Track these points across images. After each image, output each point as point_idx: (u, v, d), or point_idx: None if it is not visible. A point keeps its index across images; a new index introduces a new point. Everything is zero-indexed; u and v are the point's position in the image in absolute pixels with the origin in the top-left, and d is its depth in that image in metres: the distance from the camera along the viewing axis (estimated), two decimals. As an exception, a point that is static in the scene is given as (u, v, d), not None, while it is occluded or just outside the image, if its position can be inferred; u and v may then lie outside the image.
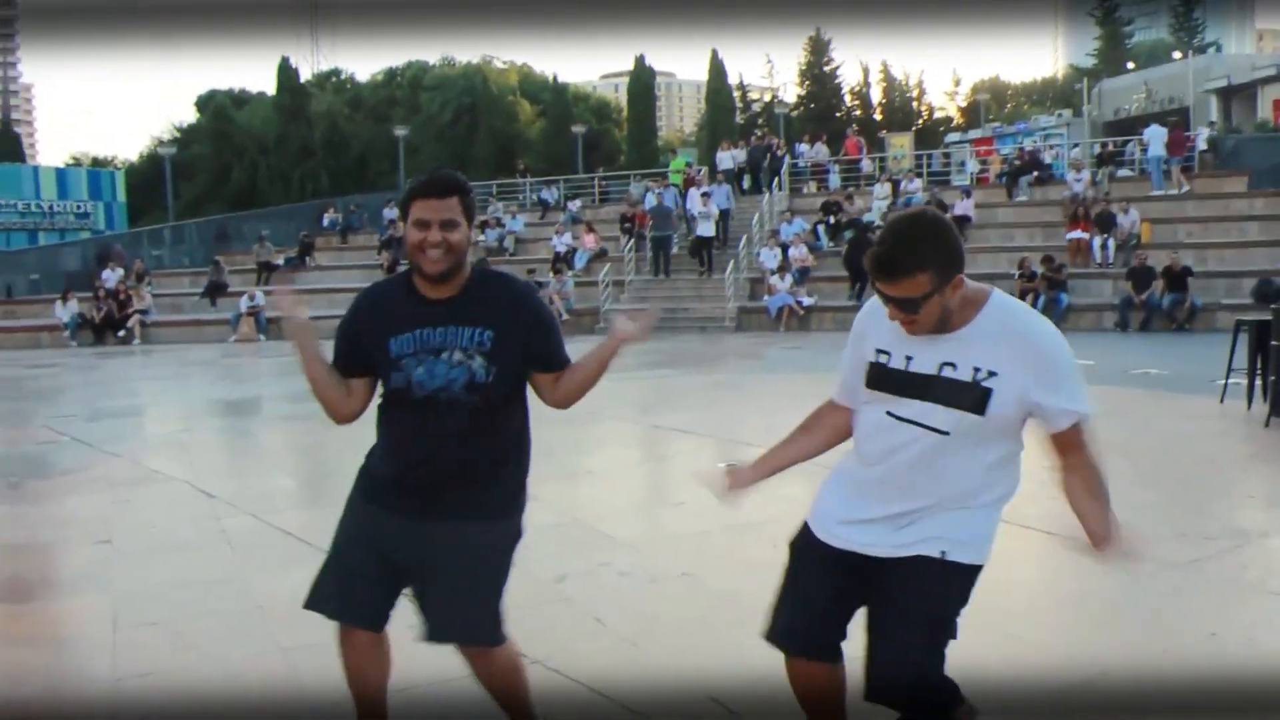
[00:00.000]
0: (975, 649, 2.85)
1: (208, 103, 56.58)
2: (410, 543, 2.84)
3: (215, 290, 25.26)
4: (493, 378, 2.77)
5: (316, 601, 2.94)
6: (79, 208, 34.30)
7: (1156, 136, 24.08)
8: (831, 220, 23.79)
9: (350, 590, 2.89)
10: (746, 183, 27.34)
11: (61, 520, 6.83)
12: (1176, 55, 47.91)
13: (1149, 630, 4.11)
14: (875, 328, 2.54)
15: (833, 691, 2.72)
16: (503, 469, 2.90)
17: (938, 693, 2.50)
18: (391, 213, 28.64)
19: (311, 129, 49.52)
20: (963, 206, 23.40)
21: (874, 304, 2.56)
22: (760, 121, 54.55)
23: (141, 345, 21.99)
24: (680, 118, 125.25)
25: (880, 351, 2.52)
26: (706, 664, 3.78)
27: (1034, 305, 19.04)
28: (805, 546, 2.69)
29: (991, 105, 60.35)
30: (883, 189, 25.48)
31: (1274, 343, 8.44)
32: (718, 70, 54.56)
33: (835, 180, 28.32)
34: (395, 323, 2.79)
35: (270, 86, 52.60)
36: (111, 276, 23.92)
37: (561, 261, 23.10)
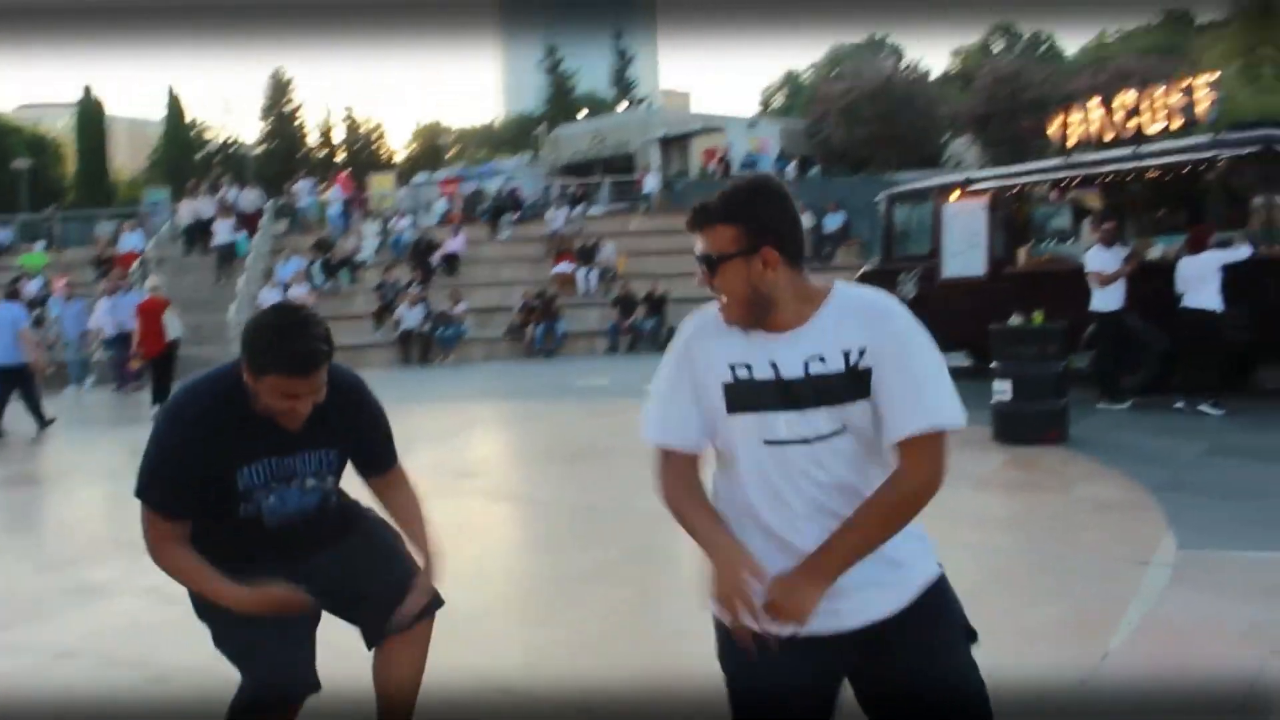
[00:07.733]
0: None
1: None
2: (308, 578, 2.65)
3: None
4: (338, 484, 2.80)
5: (267, 705, 2.66)
6: None
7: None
8: (324, 259, 23.57)
9: (291, 669, 2.66)
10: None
11: None
12: (621, 107, 53.14)
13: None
14: (716, 343, 2.08)
15: None
16: (345, 516, 2.91)
17: None
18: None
19: None
20: (454, 243, 24.34)
21: (704, 317, 2.14)
22: (215, 160, 52.08)
23: None
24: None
25: (738, 366, 2.04)
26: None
27: (535, 334, 20.39)
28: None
29: (430, 151, 62.21)
30: (372, 227, 25.85)
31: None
32: (175, 107, 51.84)
33: (340, 221, 26.78)
34: (239, 453, 2.53)
35: None
36: None
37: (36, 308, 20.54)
